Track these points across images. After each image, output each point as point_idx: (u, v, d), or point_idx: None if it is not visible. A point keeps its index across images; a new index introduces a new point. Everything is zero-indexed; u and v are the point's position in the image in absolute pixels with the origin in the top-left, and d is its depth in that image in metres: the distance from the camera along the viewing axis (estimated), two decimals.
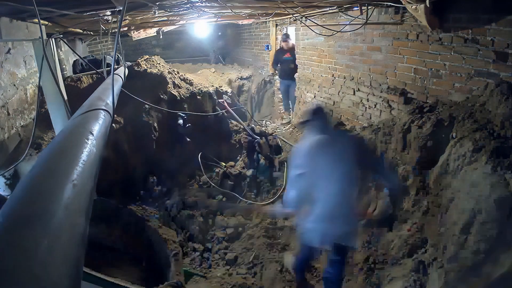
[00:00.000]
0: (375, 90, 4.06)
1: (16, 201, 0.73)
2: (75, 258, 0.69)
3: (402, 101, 3.62)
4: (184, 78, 5.52)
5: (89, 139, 1.13)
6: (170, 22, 4.75)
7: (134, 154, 4.50)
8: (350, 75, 4.53)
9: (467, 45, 2.83)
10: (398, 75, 3.71)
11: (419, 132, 2.84)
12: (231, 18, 5.19)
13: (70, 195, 0.78)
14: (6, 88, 3.47)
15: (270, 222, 3.87)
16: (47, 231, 0.64)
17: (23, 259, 0.57)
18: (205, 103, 5.45)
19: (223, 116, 5.60)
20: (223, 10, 3.72)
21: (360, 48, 4.25)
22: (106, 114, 1.52)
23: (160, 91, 4.86)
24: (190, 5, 3.05)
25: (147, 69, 4.95)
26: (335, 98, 4.95)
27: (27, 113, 3.93)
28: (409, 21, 3.41)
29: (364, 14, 3.74)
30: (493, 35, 2.59)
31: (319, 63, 5.28)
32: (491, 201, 2.12)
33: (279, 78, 7.02)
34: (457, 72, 2.97)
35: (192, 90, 5.33)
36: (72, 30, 3.72)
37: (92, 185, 0.97)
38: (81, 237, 0.77)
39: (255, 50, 8.22)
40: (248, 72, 7.99)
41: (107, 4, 2.20)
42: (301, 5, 3.55)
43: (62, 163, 0.91)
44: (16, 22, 2.22)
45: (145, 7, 2.63)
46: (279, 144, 5.42)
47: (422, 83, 3.38)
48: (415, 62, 3.43)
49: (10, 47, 3.58)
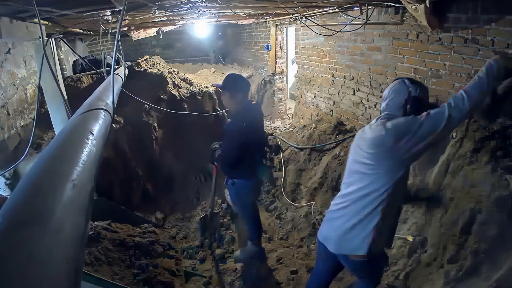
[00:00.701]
0: (375, 90, 4.06)
1: (16, 201, 0.73)
2: (75, 258, 0.69)
3: None
4: (184, 78, 5.52)
5: (89, 139, 1.13)
6: (170, 22, 4.74)
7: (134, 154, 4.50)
8: (350, 75, 4.54)
9: (467, 45, 2.83)
10: (398, 75, 3.70)
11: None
12: (231, 18, 5.19)
13: (70, 195, 0.78)
14: (6, 88, 3.47)
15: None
16: (47, 231, 0.65)
17: (22, 259, 0.57)
18: (205, 103, 5.45)
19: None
20: (223, 10, 3.72)
21: (360, 48, 4.25)
22: (106, 114, 1.52)
23: (160, 91, 4.86)
24: (190, 5, 3.05)
25: (147, 69, 4.95)
26: (335, 98, 4.95)
27: (27, 113, 3.94)
28: (409, 21, 3.41)
29: (364, 14, 3.74)
30: (493, 35, 2.59)
31: (319, 63, 5.29)
32: (491, 201, 2.12)
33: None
34: (457, 72, 2.97)
35: (192, 90, 5.34)
36: (72, 30, 3.72)
37: (92, 185, 0.97)
38: (81, 237, 0.77)
39: (255, 50, 8.22)
40: (248, 72, 7.99)
41: (107, 4, 2.20)
42: (301, 5, 3.55)
43: (62, 163, 0.91)
44: (16, 22, 2.22)
45: (145, 7, 2.63)
46: (279, 144, 5.42)
47: None
48: (415, 62, 3.43)
49: (10, 47, 3.59)
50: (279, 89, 7.42)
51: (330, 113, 5.14)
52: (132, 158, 4.54)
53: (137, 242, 3.33)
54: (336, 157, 4.11)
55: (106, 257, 2.95)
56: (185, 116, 4.80)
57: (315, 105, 5.55)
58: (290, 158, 4.85)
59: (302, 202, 4.10)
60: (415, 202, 2.71)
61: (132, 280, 2.82)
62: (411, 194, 2.54)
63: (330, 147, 4.37)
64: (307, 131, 4.95)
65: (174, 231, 4.08)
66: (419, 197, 2.67)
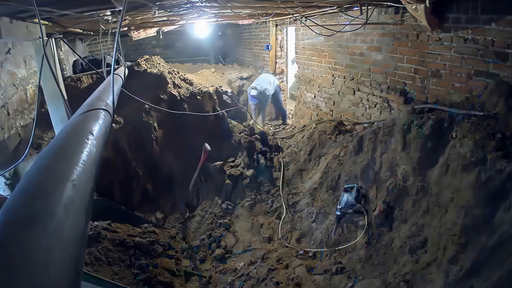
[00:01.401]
0: (375, 90, 4.06)
1: (16, 201, 0.73)
2: (75, 258, 0.69)
3: (402, 101, 3.62)
4: (184, 78, 5.52)
5: (89, 139, 1.13)
6: (170, 22, 4.75)
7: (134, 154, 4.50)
8: (350, 75, 4.54)
9: (467, 45, 2.83)
10: (398, 75, 3.71)
11: (419, 132, 2.84)
12: (231, 18, 5.19)
13: (70, 195, 0.78)
14: (6, 88, 3.47)
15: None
16: (47, 231, 0.64)
17: (23, 259, 0.57)
18: (205, 103, 5.45)
19: (223, 116, 5.60)
20: (223, 10, 3.72)
21: (360, 48, 4.25)
22: (106, 114, 1.52)
23: (160, 91, 4.86)
24: (190, 5, 3.06)
25: (147, 69, 4.95)
26: (335, 98, 4.95)
27: (27, 113, 3.94)
28: (409, 21, 3.41)
29: (364, 14, 3.74)
30: (493, 35, 2.59)
31: (319, 63, 5.29)
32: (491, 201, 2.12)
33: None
34: (457, 72, 2.97)
35: (192, 90, 5.33)
36: (72, 30, 3.72)
37: (92, 185, 0.97)
38: (81, 237, 0.77)
39: (255, 50, 8.22)
40: (248, 72, 7.99)
41: (107, 4, 2.20)
42: (301, 5, 3.55)
43: (62, 163, 0.91)
44: (16, 22, 2.22)
45: (145, 7, 2.63)
46: (279, 144, 5.42)
47: (422, 83, 3.38)
48: (415, 62, 3.43)
49: (10, 47, 3.59)
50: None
51: (330, 113, 5.14)
52: (132, 158, 4.54)
53: (137, 242, 3.33)
54: (336, 157, 4.11)
55: (106, 257, 2.95)
56: (185, 116, 4.79)
57: (315, 105, 5.55)
58: (290, 158, 4.85)
59: (301, 203, 4.09)
60: None
61: (132, 280, 2.83)
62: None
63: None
64: (307, 131, 4.95)
65: (174, 231, 4.08)
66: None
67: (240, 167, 4.98)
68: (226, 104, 5.99)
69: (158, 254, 3.37)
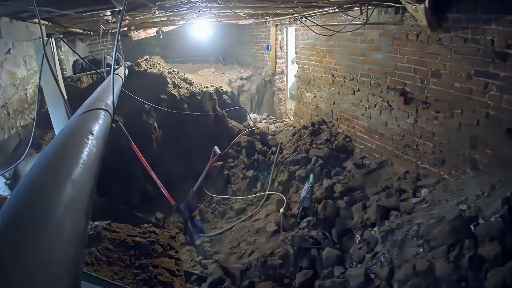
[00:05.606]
0: (375, 90, 4.06)
1: (16, 201, 0.73)
2: (75, 258, 0.69)
3: (402, 101, 3.62)
4: (184, 78, 5.52)
5: (89, 139, 1.13)
6: (170, 22, 4.75)
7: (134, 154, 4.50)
8: (350, 75, 4.53)
9: (467, 45, 2.83)
10: (398, 75, 3.71)
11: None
12: (231, 18, 5.19)
13: (70, 195, 0.78)
14: (6, 88, 3.47)
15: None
16: (47, 231, 0.65)
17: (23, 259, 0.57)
18: (205, 103, 5.45)
19: (223, 116, 5.60)
20: (223, 10, 3.72)
21: (360, 48, 4.25)
22: (106, 114, 1.52)
23: (160, 91, 4.87)
24: (190, 5, 3.06)
25: (147, 69, 4.95)
26: (335, 98, 4.95)
27: (27, 113, 3.94)
28: (409, 21, 3.41)
29: (364, 14, 3.74)
30: (493, 35, 2.59)
31: (319, 63, 5.28)
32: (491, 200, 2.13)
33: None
34: (457, 72, 2.97)
35: (192, 90, 5.33)
36: (72, 30, 3.72)
37: (92, 185, 0.97)
38: (81, 237, 0.77)
39: (255, 50, 8.22)
40: (248, 72, 7.99)
41: (107, 4, 2.20)
42: (301, 5, 3.55)
43: (62, 163, 0.91)
44: (16, 22, 2.22)
45: (145, 7, 2.63)
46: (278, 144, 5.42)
47: (422, 83, 3.38)
48: (415, 62, 3.43)
49: (10, 47, 3.59)
50: (279, 89, 7.41)
51: (330, 113, 5.14)
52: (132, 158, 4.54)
53: (137, 242, 3.32)
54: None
55: (106, 257, 2.95)
56: (185, 116, 4.80)
57: (315, 105, 5.55)
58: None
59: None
60: None
61: (132, 280, 2.82)
62: None
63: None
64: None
65: (174, 231, 4.08)
66: None
67: (240, 167, 4.98)
68: (226, 104, 5.99)
69: (158, 254, 3.36)
